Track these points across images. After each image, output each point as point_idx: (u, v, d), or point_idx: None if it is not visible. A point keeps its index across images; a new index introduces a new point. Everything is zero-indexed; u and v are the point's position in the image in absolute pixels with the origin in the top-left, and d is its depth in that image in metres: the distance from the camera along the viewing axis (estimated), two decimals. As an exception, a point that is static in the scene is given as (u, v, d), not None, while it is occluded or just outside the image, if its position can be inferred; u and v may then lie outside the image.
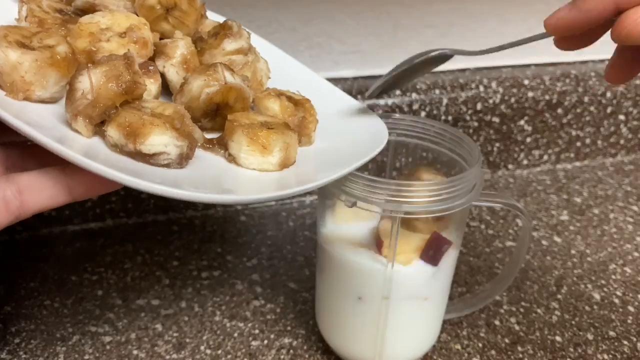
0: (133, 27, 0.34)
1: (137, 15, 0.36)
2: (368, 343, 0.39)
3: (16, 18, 0.35)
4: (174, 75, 0.35)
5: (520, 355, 0.43)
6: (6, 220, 0.26)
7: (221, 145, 0.33)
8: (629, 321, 0.47)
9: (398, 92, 0.61)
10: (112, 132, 0.29)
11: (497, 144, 0.68)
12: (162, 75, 0.35)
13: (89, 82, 0.29)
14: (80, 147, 0.28)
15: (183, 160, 0.29)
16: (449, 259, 0.38)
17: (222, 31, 0.38)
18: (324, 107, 0.39)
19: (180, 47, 0.35)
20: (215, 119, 0.35)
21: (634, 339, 0.45)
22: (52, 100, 0.31)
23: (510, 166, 0.70)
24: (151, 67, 0.34)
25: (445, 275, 0.39)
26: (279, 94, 0.37)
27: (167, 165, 0.29)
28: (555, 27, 0.29)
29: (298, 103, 0.37)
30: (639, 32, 0.27)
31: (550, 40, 0.35)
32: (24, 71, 0.29)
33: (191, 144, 0.30)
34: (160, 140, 0.28)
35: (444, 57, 0.37)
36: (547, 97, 0.67)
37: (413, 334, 0.40)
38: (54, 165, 0.27)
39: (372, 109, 0.36)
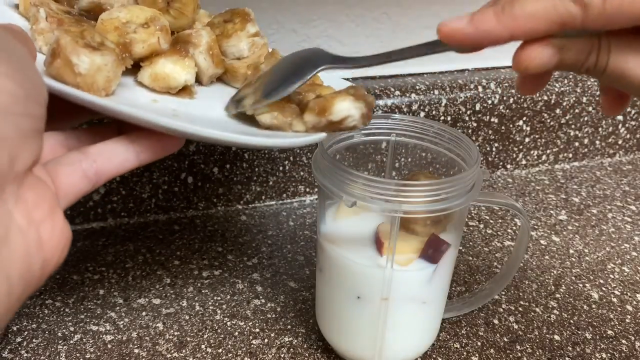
0: (153, 17, 0.36)
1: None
2: (368, 342, 0.39)
3: (30, 23, 0.36)
4: (203, 61, 0.38)
5: (519, 354, 0.44)
6: (85, 188, 0.28)
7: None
8: (627, 320, 0.48)
9: (398, 92, 0.61)
10: (310, 117, 0.34)
11: (496, 144, 0.68)
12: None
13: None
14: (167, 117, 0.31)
15: (365, 119, 0.35)
16: (448, 260, 0.39)
17: (238, 17, 0.42)
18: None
19: (204, 35, 0.38)
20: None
21: (632, 338, 0.46)
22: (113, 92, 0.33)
23: (509, 166, 0.70)
24: (183, 50, 0.37)
25: (444, 277, 0.39)
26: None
27: (354, 127, 0.35)
28: (448, 36, 0.28)
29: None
30: (535, 65, 0.28)
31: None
32: (107, 71, 0.31)
33: (368, 104, 0.35)
34: (343, 106, 0.34)
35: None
36: (545, 98, 0.67)
37: (412, 334, 0.40)
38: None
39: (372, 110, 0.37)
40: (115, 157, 0.29)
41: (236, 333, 0.44)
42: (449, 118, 0.64)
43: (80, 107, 0.30)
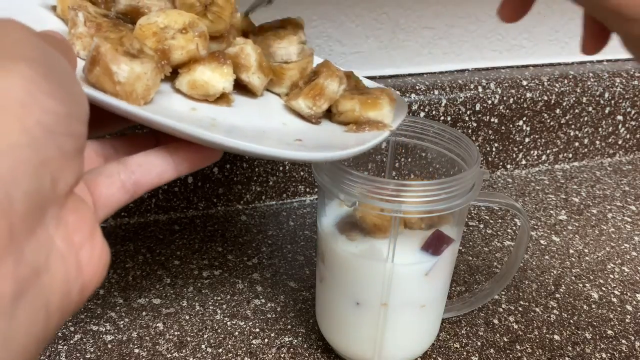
0: (191, 22, 0.35)
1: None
2: (367, 342, 0.40)
3: (69, 26, 0.36)
4: (257, 81, 0.39)
5: (519, 354, 0.44)
6: (124, 199, 0.28)
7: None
8: (627, 320, 0.48)
9: (398, 92, 0.61)
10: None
11: (496, 144, 0.68)
12: (246, 84, 0.39)
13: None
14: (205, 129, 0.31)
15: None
16: (448, 259, 0.39)
17: (291, 25, 0.43)
18: None
19: (252, 54, 0.38)
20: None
21: (632, 338, 0.46)
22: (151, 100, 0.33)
23: (508, 166, 0.70)
24: (222, 57, 0.37)
25: (444, 277, 0.39)
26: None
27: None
28: None
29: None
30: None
31: (549, 41, 0.35)
32: (146, 79, 0.31)
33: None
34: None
35: None
36: (545, 98, 0.67)
37: (412, 336, 0.41)
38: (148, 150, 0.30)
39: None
40: (154, 168, 0.29)
41: (236, 333, 0.44)
42: (449, 118, 0.64)
43: (118, 115, 0.29)
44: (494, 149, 0.68)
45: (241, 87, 0.39)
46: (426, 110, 0.63)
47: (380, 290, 0.37)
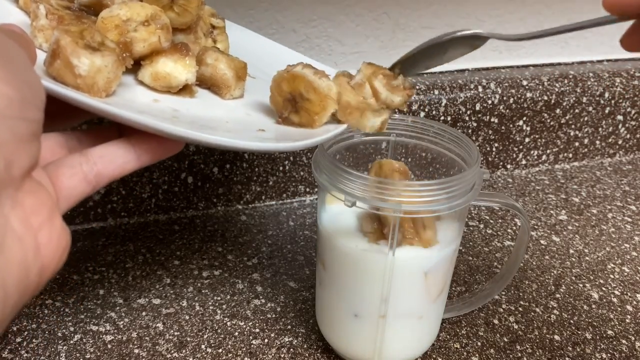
0: (153, 15, 0.35)
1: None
2: (367, 343, 0.39)
3: (30, 18, 0.36)
4: (239, 92, 0.39)
5: (519, 354, 0.44)
6: (86, 190, 0.28)
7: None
8: (627, 320, 0.48)
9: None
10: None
11: (496, 144, 0.68)
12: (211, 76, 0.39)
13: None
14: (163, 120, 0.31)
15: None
16: (447, 258, 0.39)
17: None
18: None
19: (226, 70, 0.38)
20: (299, 112, 0.37)
21: (632, 338, 0.46)
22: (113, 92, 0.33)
23: (509, 166, 0.70)
24: (184, 49, 0.37)
25: (443, 273, 0.39)
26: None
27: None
28: (612, 5, 0.28)
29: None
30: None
31: (549, 41, 0.35)
32: (107, 72, 0.31)
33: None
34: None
35: (476, 39, 0.36)
36: (545, 98, 0.67)
37: (412, 335, 0.40)
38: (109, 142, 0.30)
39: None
40: (116, 159, 0.29)
41: (236, 333, 0.44)
42: (449, 118, 0.64)
43: (80, 108, 0.30)
44: (494, 149, 0.68)
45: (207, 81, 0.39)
46: (426, 110, 0.63)
47: (381, 285, 0.37)
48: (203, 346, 0.43)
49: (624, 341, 0.45)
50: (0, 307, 0.21)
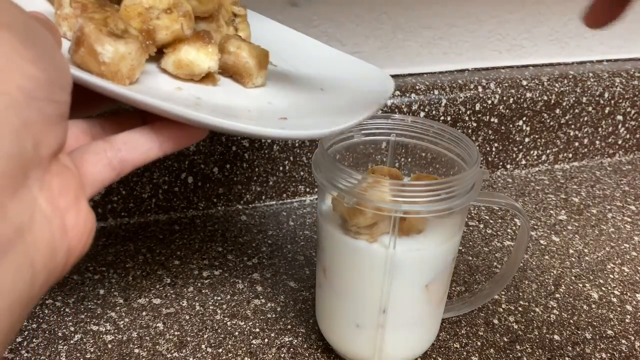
0: (176, 3, 0.35)
1: None
2: (367, 343, 0.40)
3: (54, 7, 0.36)
4: (261, 80, 0.39)
5: (519, 354, 0.44)
6: (110, 177, 0.28)
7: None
8: (626, 320, 0.48)
9: (398, 92, 0.61)
10: None
11: (496, 144, 0.68)
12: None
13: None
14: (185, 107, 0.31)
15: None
16: (447, 257, 0.39)
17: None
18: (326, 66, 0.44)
19: (248, 58, 0.38)
20: None
21: (632, 338, 0.46)
22: (137, 79, 0.33)
23: (508, 166, 0.70)
24: (207, 37, 0.37)
25: (443, 283, 0.39)
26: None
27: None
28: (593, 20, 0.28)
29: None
30: None
31: (549, 41, 0.35)
32: (131, 59, 0.31)
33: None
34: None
35: None
36: (545, 98, 0.67)
37: (412, 335, 0.41)
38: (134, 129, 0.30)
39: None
40: (139, 146, 0.29)
41: (236, 333, 0.44)
42: (449, 118, 0.64)
43: (104, 95, 0.30)
44: (494, 149, 0.68)
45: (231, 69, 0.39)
46: (426, 110, 0.63)
47: (381, 285, 0.37)
48: (203, 346, 0.43)
49: (623, 341, 0.45)
50: (29, 285, 0.21)
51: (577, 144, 0.72)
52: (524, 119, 0.68)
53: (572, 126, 0.71)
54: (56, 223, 0.23)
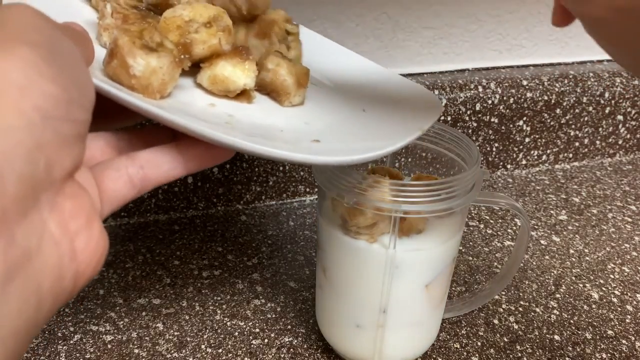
0: (216, 16, 0.35)
1: (213, 4, 0.37)
2: (367, 343, 0.40)
3: (98, 17, 0.36)
4: (299, 99, 0.38)
5: (519, 354, 0.44)
6: (131, 194, 0.28)
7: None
8: (627, 320, 0.48)
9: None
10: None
11: (496, 144, 0.68)
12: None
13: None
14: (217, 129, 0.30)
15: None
16: (447, 255, 0.39)
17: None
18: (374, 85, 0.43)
19: (286, 77, 0.37)
20: None
21: (632, 338, 0.46)
22: (169, 94, 0.32)
23: (509, 166, 0.70)
24: (245, 53, 0.36)
25: (442, 284, 0.39)
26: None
27: None
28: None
29: None
30: None
31: (549, 41, 0.35)
32: (162, 73, 0.30)
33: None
34: None
35: None
36: (545, 98, 0.67)
37: (412, 335, 0.41)
38: (160, 145, 0.29)
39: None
40: (162, 165, 0.28)
41: (236, 333, 0.44)
42: (449, 118, 0.64)
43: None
44: (494, 149, 0.68)
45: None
46: (426, 110, 0.62)
47: (381, 286, 0.37)
48: (203, 346, 0.43)
49: (624, 341, 0.45)
50: (35, 311, 0.20)
51: (577, 144, 0.72)
52: (525, 119, 0.67)
53: (573, 126, 0.71)
54: (65, 247, 0.22)
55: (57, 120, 0.21)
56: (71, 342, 0.43)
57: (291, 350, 0.43)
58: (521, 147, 0.69)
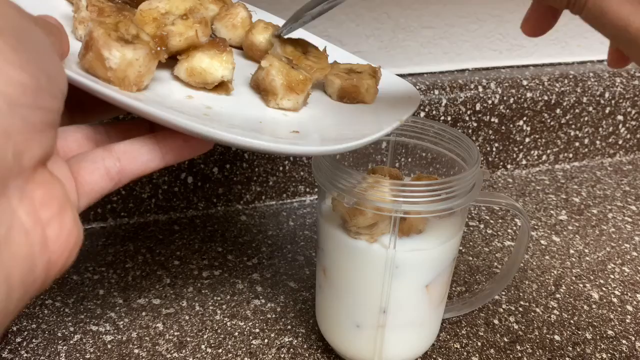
0: (192, 8, 0.35)
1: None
2: (367, 343, 0.39)
3: (73, 10, 0.36)
4: (288, 104, 0.38)
5: (519, 354, 0.44)
6: (108, 187, 0.28)
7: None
8: (627, 320, 0.48)
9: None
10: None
11: (496, 144, 0.68)
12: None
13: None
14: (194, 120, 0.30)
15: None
16: (447, 255, 0.39)
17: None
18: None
19: (276, 77, 0.37)
20: None
21: (632, 338, 0.46)
22: (145, 86, 0.32)
23: (509, 166, 0.70)
24: (222, 45, 0.36)
25: (442, 285, 0.39)
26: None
27: None
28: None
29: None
30: None
31: (550, 41, 0.35)
32: (138, 66, 0.30)
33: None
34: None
35: None
36: (545, 98, 0.67)
37: (412, 335, 0.40)
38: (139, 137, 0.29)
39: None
40: (139, 156, 0.28)
41: (236, 333, 0.44)
42: (449, 118, 0.64)
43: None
44: (494, 149, 0.68)
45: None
46: (426, 110, 0.62)
47: (381, 286, 0.37)
48: (203, 346, 0.43)
49: (624, 341, 0.45)
50: (4, 301, 0.20)
51: (577, 144, 0.72)
52: (525, 119, 0.67)
53: (573, 126, 0.71)
54: (36, 236, 0.22)
55: (25, 108, 0.21)
56: (71, 342, 0.43)
57: (291, 350, 0.43)
58: (521, 147, 0.69)
